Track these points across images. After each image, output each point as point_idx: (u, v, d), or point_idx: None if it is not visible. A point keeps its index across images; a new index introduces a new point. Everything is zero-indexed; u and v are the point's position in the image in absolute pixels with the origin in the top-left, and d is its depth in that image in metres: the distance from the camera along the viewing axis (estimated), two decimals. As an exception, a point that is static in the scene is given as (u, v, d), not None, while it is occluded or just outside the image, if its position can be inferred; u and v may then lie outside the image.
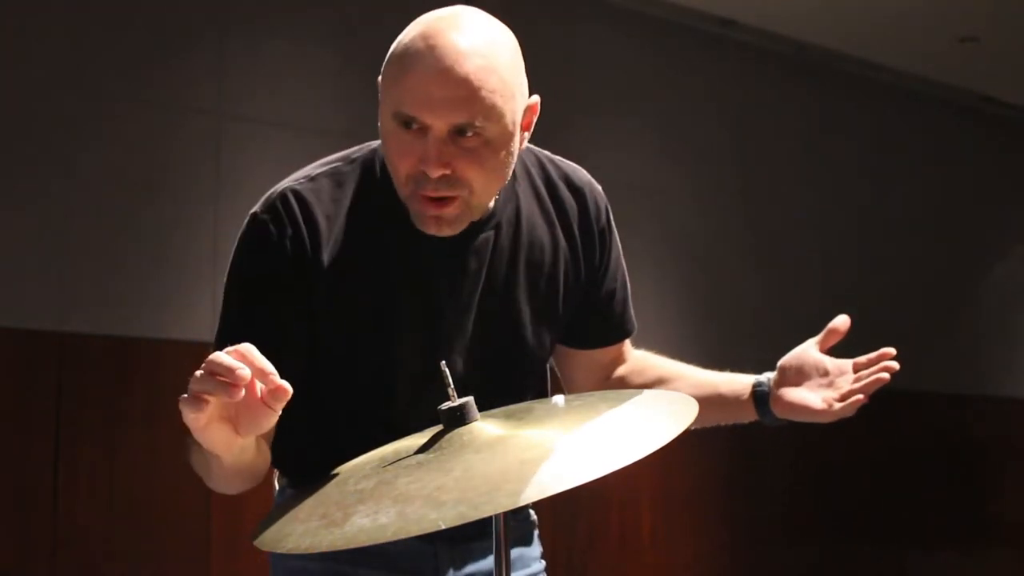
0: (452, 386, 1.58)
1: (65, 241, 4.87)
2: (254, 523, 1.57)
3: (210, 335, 1.80)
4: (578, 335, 2.05)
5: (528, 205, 1.93)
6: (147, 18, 5.16)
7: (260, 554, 1.57)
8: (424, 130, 1.69)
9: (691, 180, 6.92)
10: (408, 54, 1.71)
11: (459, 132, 1.69)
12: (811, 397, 1.97)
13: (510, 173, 1.81)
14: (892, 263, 7.95)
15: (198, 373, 1.38)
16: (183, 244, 5.12)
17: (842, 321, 2.01)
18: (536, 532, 2.10)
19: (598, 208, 1.99)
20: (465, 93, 1.68)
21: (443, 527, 1.34)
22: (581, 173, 2.01)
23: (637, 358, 2.15)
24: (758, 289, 7.13)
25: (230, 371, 1.35)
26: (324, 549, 1.39)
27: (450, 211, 1.74)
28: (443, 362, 1.59)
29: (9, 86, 4.82)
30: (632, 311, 2.11)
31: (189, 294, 5.06)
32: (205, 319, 4.95)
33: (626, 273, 2.08)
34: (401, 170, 1.73)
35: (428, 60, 1.69)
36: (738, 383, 2.06)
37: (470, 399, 1.60)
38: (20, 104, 4.84)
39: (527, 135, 1.83)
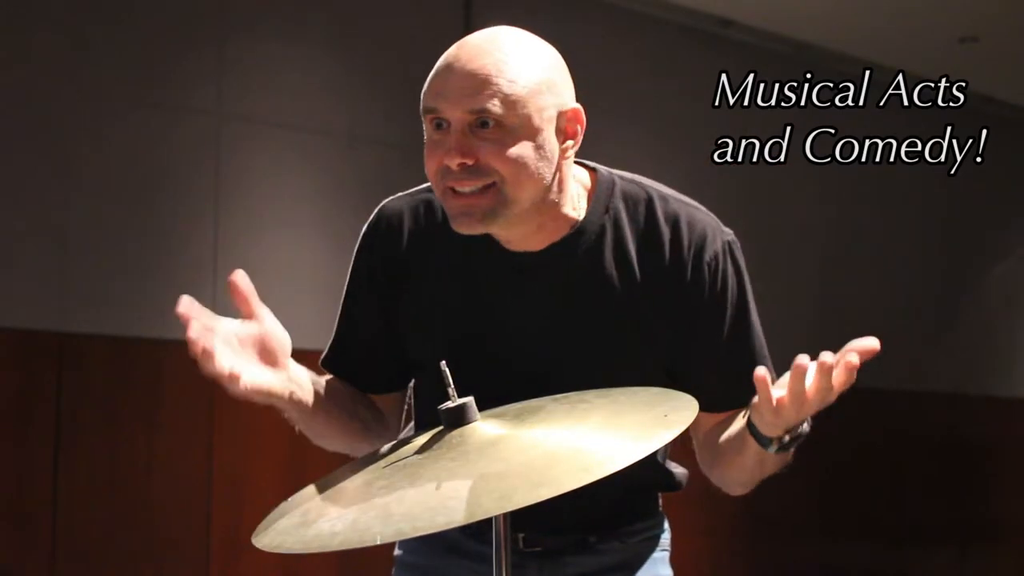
0: (452, 386, 1.58)
1: (65, 241, 4.87)
2: (254, 523, 1.57)
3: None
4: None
5: (614, 236, 1.89)
6: (147, 18, 5.16)
7: (260, 554, 1.57)
8: (449, 127, 1.76)
9: (690, 180, 6.90)
10: (438, 63, 1.81)
11: (481, 125, 1.75)
12: (779, 392, 1.70)
13: (548, 175, 1.81)
14: (892, 263, 7.94)
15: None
16: (183, 244, 5.11)
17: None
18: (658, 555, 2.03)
19: (700, 254, 1.93)
20: (479, 80, 1.75)
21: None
22: (698, 219, 1.95)
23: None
24: (757, 289, 7.11)
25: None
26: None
27: (482, 203, 1.76)
28: (443, 362, 1.59)
29: (9, 86, 4.81)
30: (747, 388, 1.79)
31: (189, 294, 5.06)
32: (205, 319, 4.93)
33: (752, 346, 1.96)
34: (431, 168, 1.80)
35: (451, 60, 1.79)
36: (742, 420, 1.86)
37: (470, 399, 1.60)
38: (20, 104, 4.84)
39: (572, 144, 1.87)
